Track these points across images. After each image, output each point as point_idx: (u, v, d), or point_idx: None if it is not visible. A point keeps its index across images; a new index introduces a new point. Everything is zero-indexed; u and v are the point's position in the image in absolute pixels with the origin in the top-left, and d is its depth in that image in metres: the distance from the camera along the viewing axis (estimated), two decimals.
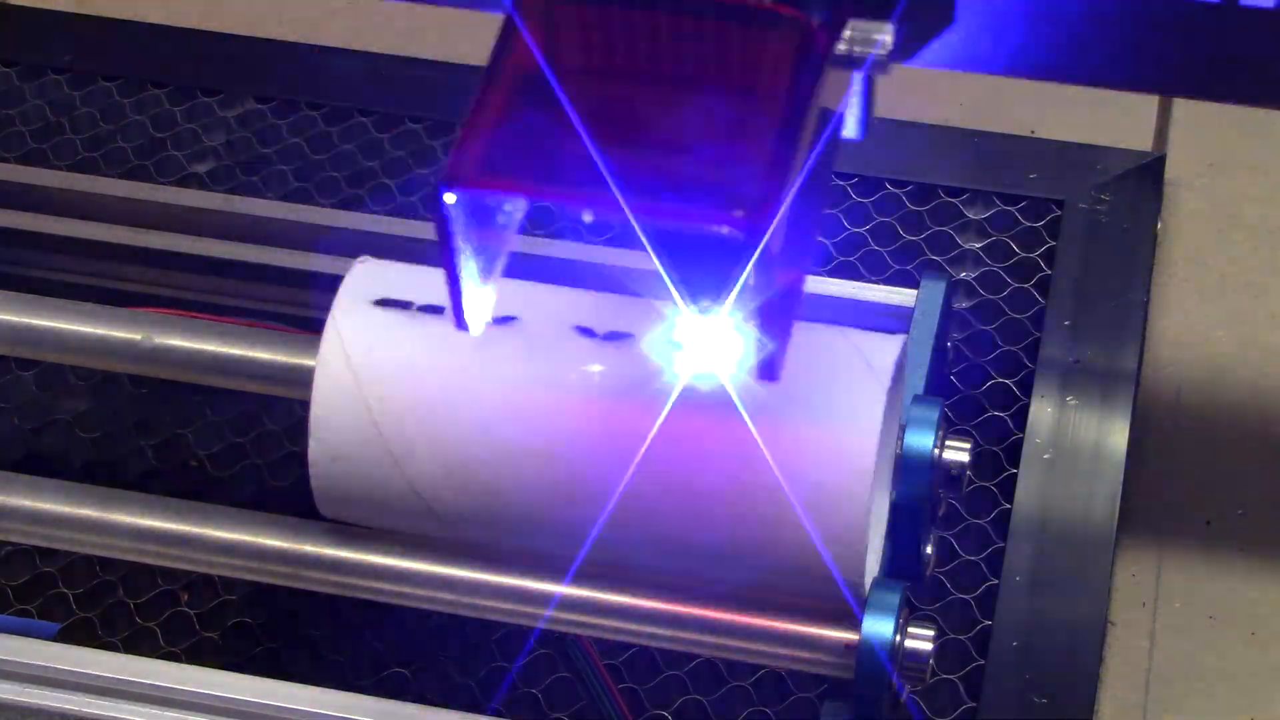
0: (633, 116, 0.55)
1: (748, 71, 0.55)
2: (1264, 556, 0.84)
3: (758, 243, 0.50)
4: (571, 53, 0.56)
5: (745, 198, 0.51)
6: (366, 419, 0.64)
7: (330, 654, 0.79)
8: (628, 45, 0.56)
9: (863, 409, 0.62)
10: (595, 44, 0.56)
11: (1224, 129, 0.99)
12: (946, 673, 0.76)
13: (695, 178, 0.53)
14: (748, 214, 0.50)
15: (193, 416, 0.87)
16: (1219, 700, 0.80)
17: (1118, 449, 0.81)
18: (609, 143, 0.54)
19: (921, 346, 0.73)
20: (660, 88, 0.55)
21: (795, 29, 0.54)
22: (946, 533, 0.80)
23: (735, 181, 0.52)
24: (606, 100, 0.55)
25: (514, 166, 0.53)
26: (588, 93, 0.55)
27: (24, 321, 0.71)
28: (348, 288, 0.66)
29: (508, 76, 0.54)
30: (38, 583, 0.82)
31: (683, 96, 0.55)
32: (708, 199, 0.52)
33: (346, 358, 0.64)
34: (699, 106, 0.54)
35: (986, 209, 0.92)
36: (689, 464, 0.62)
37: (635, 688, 0.77)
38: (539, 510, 0.64)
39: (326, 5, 1.09)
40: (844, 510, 0.61)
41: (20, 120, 0.98)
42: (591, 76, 0.56)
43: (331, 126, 0.97)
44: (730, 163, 0.53)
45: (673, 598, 0.65)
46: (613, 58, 0.56)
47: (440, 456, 0.64)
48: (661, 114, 0.55)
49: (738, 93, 0.55)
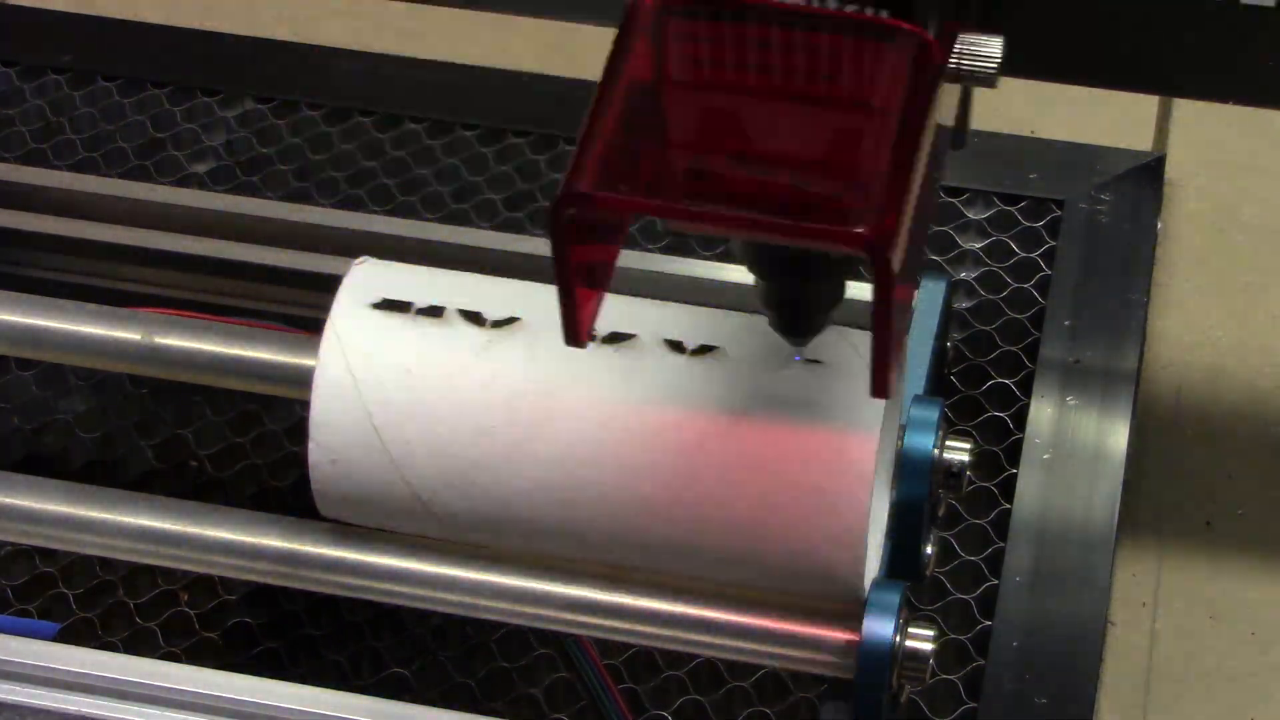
0: (748, 132, 0.54)
1: (866, 86, 0.54)
2: (1264, 556, 0.84)
3: (882, 259, 0.49)
4: (686, 66, 0.54)
5: (869, 214, 0.49)
6: (366, 423, 0.64)
7: (330, 654, 0.79)
8: (742, 58, 0.54)
9: (862, 413, 0.61)
10: (710, 58, 0.54)
11: (1224, 129, 0.99)
12: (946, 673, 0.76)
13: (816, 194, 0.52)
14: (872, 230, 0.49)
15: (193, 416, 0.87)
16: (1219, 700, 0.80)
17: (1118, 449, 0.81)
18: (724, 157, 0.53)
19: (921, 346, 0.73)
20: (776, 102, 0.54)
21: (912, 42, 0.53)
22: (946, 533, 0.80)
23: (856, 198, 0.50)
24: (722, 115, 0.54)
25: (626, 180, 0.51)
26: (703, 107, 0.54)
27: (24, 321, 0.71)
28: (346, 290, 0.66)
29: (622, 89, 0.53)
30: (38, 583, 0.82)
31: (800, 111, 0.53)
32: (829, 216, 0.50)
33: (346, 362, 0.64)
34: (817, 121, 0.53)
35: (986, 209, 0.92)
36: (688, 467, 0.62)
37: (635, 688, 0.77)
38: (539, 514, 0.64)
39: (326, 5, 1.09)
40: (844, 514, 0.61)
41: (20, 120, 0.98)
42: (706, 90, 0.54)
43: (331, 126, 0.97)
44: (850, 179, 0.51)
45: (673, 598, 0.65)
46: (728, 72, 0.54)
47: (440, 461, 0.64)
48: (777, 129, 0.53)
49: (856, 107, 0.54)
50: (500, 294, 0.66)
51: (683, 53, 0.55)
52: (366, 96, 0.98)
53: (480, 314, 0.64)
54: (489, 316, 0.64)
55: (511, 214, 0.93)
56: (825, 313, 0.60)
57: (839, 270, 0.59)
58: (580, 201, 0.50)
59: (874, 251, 0.49)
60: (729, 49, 0.55)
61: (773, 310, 0.60)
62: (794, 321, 0.60)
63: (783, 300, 0.60)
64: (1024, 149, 0.94)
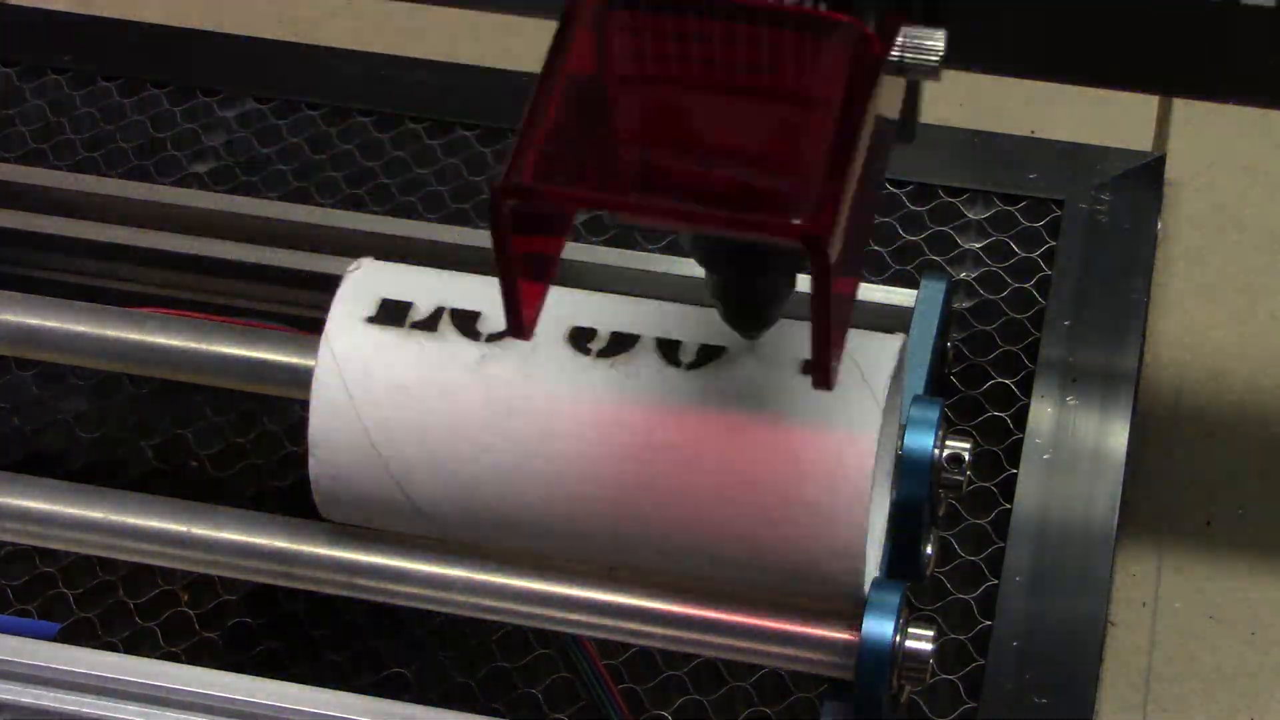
0: (688, 124, 0.54)
1: (806, 79, 0.54)
2: (1264, 556, 0.84)
3: (819, 251, 0.49)
4: (626, 58, 0.55)
5: (806, 206, 0.50)
6: (364, 440, 0.64)
7: (330, 654, 0.79)
8: (683, 51, 0.55)
9: (859, 426, 0.61)
10: (650, 50, 0.55)
11: (1224, 129, 0.99)
12: (946, 673, 0.76)
13: (756, 187, 0.52)
14: (809, 222, 0.49)
15: (193, 416, 0.87)
16: (1219, 700, 0.80)
17: (1118, 449, 0.81)
18: (665, 150, 0.53)
19: (921, 346, 0.73)
20: (716, 95, 0.54)
21: (851, 35, 0.53)
22: (946, 533, 0.80)
23: (795, 190, 0.51)
24: (662, 107, 0.54)
25: (571, 173, 0.52)
26: (643, 99, 0.54)
27: (24, 321, 0.71)
28: (340, 304, 0.65)
29: (562, 82, 0.53)
30: (38, 583, 0.82)
31: (741, 104, 0.54)
32: (767, 208, 0.51)
33: (342, 380, 0.64)
34: (758, 114, 0.54)
35: (986, 209, 0.92)
36: (686, 485, 0.62)
37: (635, 688, 0.77)
38: (542, 527, 0.64)
39: (326, 5, 1.09)
40: (842, 529, 0.61)
41: (20, 120, 0.98)
42: (646, 83, 0.55)
43: (331, 126, 0.97)
44: (789, 171, 0.52)
45: (673, 598, 0.65)
46: (668, 64, 0.55)
47: (441, 478, 0.64)
48: (717, 122, 0.54)
49: (795, 100, 0.54)
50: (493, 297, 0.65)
51: (624, 46, 0.55)
52: (366, 96, 0.98)
53: (475, 328, 0.64)
54: (483, 330, 0.64)
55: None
56: (776, 306, 0.60)
57: (788, 264, 0.59)
58: (519, 193, 0.51)
59: (811, 243, 0.49)
60: (670, 42, 0.55)
61: (724, 304, 0.60)
62: (745, 316, 0.61)
63: (732, 294, 0.60)
64: (1024, 149, 0.94)
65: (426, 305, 0.65)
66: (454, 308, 0.65)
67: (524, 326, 0.53)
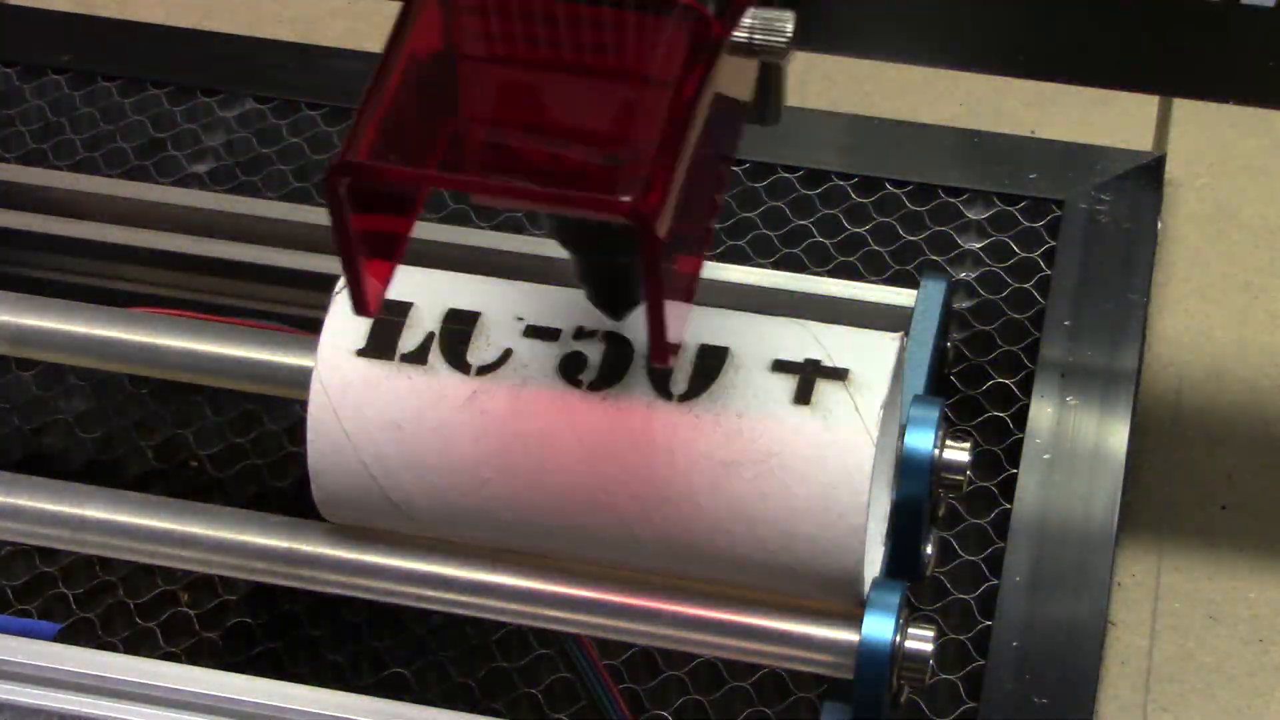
0: (528, 102, 0.55)
1: (642, 58, 0.55)
2: (1264, 556, 0.84)
3: (648, 228, 0.50)
4: (468, 37, 0.55)
5: (634, 183, 0.50)
6: (363, 473, 0.64)
7: (330, 654, 0.79)
8: (524, 30, 0.55)
9: (853, 458, 0.61)
10: (492, 29, 0.55)
11: (1224, 129, 1.00)
12: (946, 673, 0.76)
13: (586, 164, 0.53)
14: (636, 199, 0.50)
15: (193, 416, 0.87)
16: (1219, 700, 0.80)
17: (1118, 449, 0.81)
18: (503, 128, 0.54)
19: (921, 346, 0.73)
20: (556, 74, 0.55)
21: (689, 16, 0.54)
22: (946, 533, 0.80)
23: (624, 167, 0.52)
24: (502, 86, 0.55)
25: (407, 151, 0.52)
26: (483, 78, 0.55)
27: (24, 321, 0.71)
28: (329, 333, 0.65)
29: (403, 60, 0.53)
30: (38, 583, 0.82)
31: (581, 83, 0.54)
32: (596, 184, 0.51)
33: (336, 416, 0.64)
34: (597, 93, 0.54)
35: (986, 209, 0.92)
36: (682, 517, 0.62)
37: (635, 688, 0.77)
38: (541, 550, 0.65)
39: (326, 5, 1.09)
40: (839, 557, 0.62)
41: (20, 120, 0.98)
42: (487, 62, 0.55)
43: (331, 126, 0.97)
44: (620, 149, 0.52)
45: (673, 598, 0.65)
46: (509, 43, 0.55)
47: (440, 508, 0.64)
48: (558, 101, 0.54)
49: (631, 79, 0.54)
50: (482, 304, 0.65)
51: (467, 24, 0.55)
52: None
53: (466, 359, 0.64)
54: (473, 362, 0.64)
55: (511, 213, 0.93)
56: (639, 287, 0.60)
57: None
58: (353, 170, 0.51)
59: (640, 219, 0.50)
60: (513, 21, 0.55)
61: (587, 286, 0.60)
62: (608, 297, 0.61)
63: (591, 275, 0.60)
64: (1024, 149, 0.94)
65: (416, 331, 0.65)
66: (442, 333, 0.64)
67: (367, 305, 0.54)
